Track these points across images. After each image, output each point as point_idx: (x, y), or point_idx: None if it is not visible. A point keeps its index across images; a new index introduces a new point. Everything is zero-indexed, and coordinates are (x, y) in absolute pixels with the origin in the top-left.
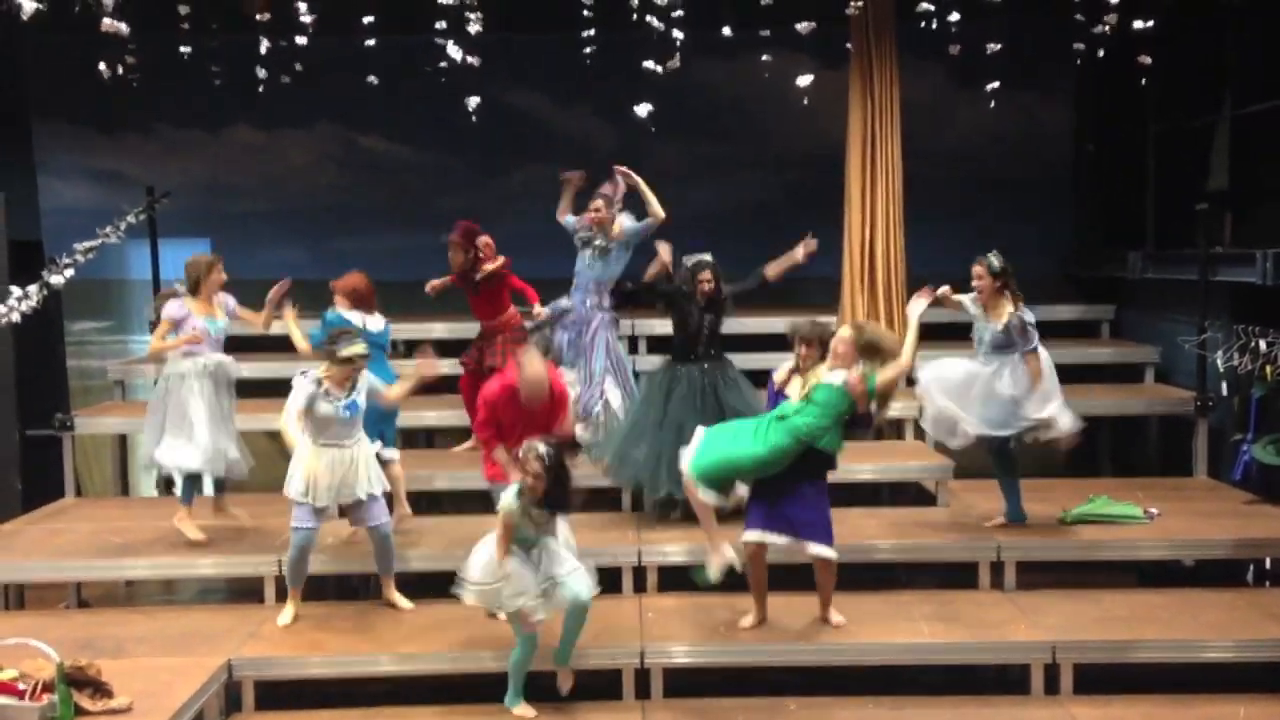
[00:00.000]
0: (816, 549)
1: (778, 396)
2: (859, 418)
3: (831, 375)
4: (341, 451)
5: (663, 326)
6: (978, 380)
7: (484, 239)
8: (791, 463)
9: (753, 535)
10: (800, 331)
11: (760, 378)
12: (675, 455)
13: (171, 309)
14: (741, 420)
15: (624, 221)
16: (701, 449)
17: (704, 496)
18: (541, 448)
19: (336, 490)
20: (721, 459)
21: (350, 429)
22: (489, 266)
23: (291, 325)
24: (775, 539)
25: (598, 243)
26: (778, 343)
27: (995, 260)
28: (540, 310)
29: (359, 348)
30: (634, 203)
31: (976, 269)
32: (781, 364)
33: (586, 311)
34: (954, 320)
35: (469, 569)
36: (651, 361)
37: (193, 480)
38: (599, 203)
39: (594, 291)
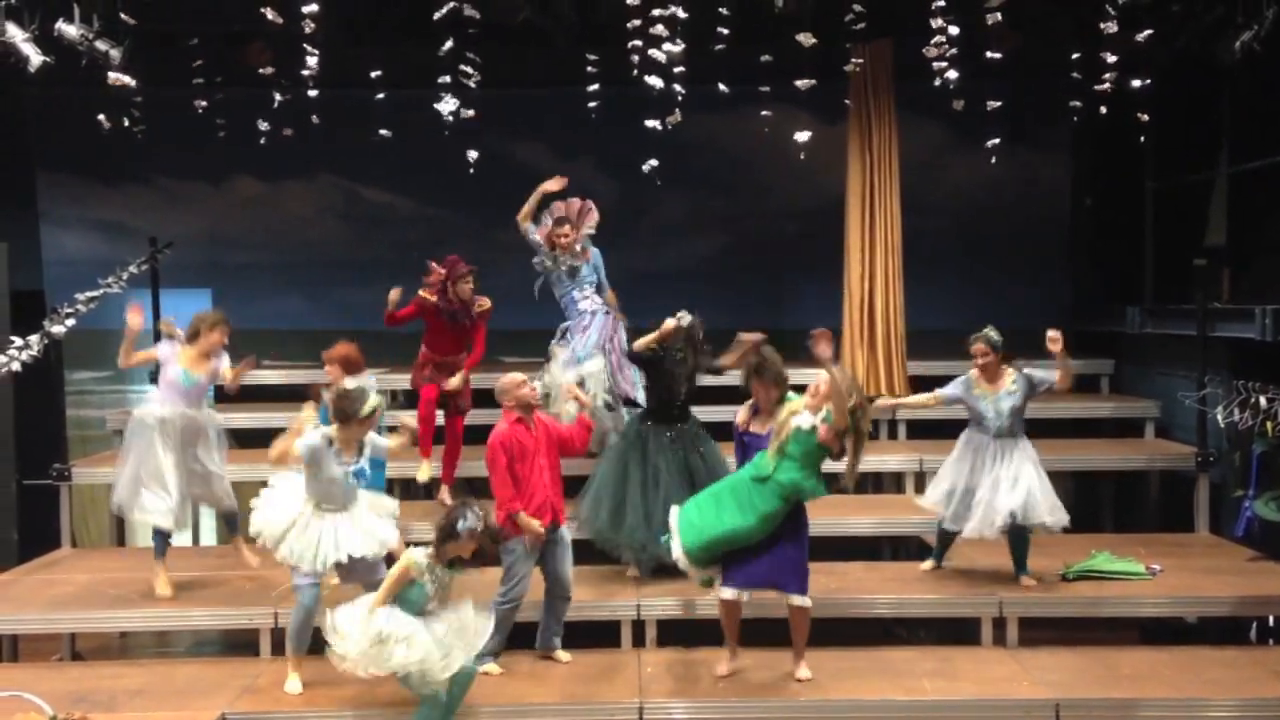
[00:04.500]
0: (794, 600)
1: (744, 436)
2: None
3: (801, 419)
4: (337, 515)
5: None
6: (985, 484)
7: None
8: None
9: (729, 593)
10: (758, 374)
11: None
12: (662, 517)
13: (163, 349)
14: (716, 488)
15: (593, 250)
16: (686, 529)
17: (695, 574)
18: (480, 526)
19: (314, 557)
20: (715, 536)
21: (353, 494)
22: (486, 304)
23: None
24: (752, 593)
25: (564, 262)
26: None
27: (995, 334)
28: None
29: (375, 400)
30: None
31: (980, 346)
32: (741, 406)
33: (604, 319)
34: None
35: (340, 632)
36: None
37: (163, 535)
38: (565, 229)
39: (598, 295)
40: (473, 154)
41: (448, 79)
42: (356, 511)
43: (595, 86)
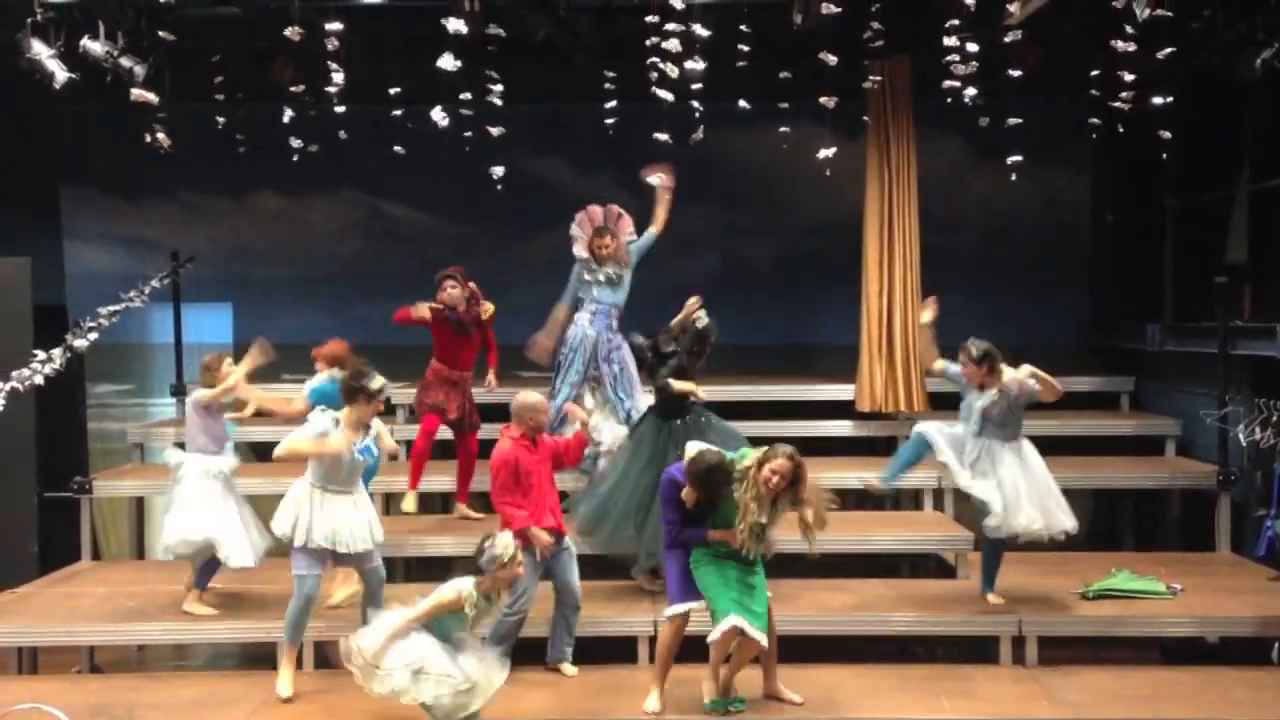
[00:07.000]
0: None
1: (679, 506)
2: None
3: (760, 513)
4: (343, 499)
5: None
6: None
7: (472, 284)
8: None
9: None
10: (697, 479)
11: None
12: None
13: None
14: (714, 577)
15: (628, 247)
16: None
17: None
18: (522, 554)
19: (333, 537)
20: (761, 608)
21: (355, 475)
22: (490, 307)
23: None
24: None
25: (609, 271)
26: (798, 409)
27: (975, 351)
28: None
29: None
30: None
31: (961, 356)
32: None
33: (613, 336)
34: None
35: (366, 654)
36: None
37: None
38: (606, 238)
39: (615, 316)
40: (498, 170)
41: (469, 95)
42: (360, 498)
43: (614, 103)
